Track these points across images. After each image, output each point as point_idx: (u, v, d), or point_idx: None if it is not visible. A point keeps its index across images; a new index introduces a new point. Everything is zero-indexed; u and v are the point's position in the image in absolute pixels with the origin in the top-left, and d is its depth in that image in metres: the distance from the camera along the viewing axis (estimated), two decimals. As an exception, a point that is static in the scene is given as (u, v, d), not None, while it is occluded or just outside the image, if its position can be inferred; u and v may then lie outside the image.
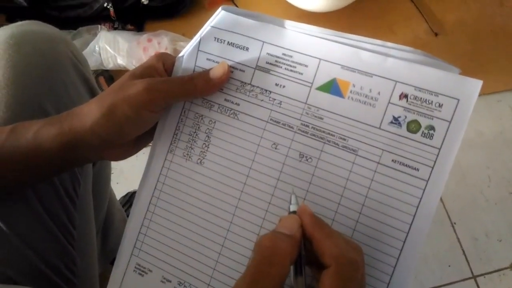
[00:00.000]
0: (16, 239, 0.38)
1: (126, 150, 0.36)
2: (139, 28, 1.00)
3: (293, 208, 0.31)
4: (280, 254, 0.26)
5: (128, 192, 0.85)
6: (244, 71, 0.36)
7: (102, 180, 0.54)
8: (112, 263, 0.47)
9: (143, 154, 0.37)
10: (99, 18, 0.97)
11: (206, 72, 0.35)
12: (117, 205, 0.65)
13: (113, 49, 0.91)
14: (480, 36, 1.00)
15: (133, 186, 0.86)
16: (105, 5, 0.95)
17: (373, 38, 0.33)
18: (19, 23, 0.44)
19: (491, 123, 0.94)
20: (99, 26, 0.95)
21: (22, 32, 0.42)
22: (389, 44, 0.33)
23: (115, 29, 0.97)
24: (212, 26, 0.36)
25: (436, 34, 1.01)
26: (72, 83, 0.44)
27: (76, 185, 0.43)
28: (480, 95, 0.31)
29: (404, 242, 0.32)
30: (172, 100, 0.36)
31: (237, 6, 1.01)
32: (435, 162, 0.32)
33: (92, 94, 0.47)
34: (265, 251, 0.27)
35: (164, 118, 0.37)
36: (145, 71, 0.35)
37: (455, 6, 1.03)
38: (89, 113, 0.33)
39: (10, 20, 0.99)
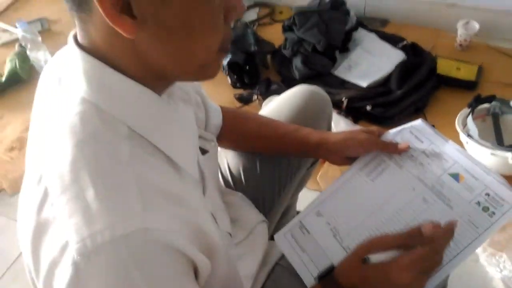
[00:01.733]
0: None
1: (342, 161, 0.78)
2: (355, 121, 1.50)
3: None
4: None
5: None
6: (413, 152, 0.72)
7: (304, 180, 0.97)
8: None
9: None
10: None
11: (396, 144, 0.72)
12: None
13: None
14: None
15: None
16: (343, 99, 1.49)
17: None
18: (309, 86, 0.91)
19: None
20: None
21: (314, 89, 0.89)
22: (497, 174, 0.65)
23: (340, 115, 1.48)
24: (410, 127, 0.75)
25: None
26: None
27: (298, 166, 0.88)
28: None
29: None
30: (376, 148, 0.74)
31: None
32: (489, 228, 0.61)
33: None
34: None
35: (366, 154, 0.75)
36: (366, 131, 0.77)
37: None
38: (336, 135, 0.78)
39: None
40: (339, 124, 1.39)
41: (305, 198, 0.98)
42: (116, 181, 0.42)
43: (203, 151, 0.67)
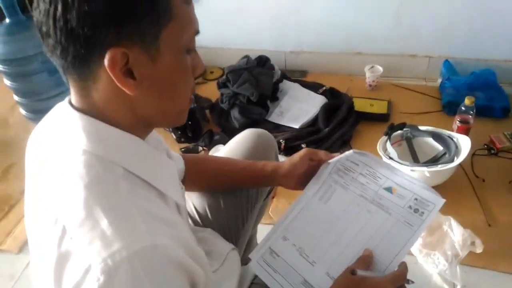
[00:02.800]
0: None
1: (295, 185, 0.90)
2: None
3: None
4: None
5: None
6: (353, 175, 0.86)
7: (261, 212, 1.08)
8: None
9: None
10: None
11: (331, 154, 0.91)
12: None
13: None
14: None
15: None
16: (280, 141, 1.66)
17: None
18: (255, 129, 1.07)
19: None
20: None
21: (261, 131, 1.05)
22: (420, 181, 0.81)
23: (280, 155, 1.58)
24: (346, 155, 0.88)
25: (489, 225, 1.39)
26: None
27: (256, 198, 0.99)
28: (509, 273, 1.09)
29: None
30: (320, 157, 0.90)
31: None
32: (421, 224, 0.75)
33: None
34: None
35: (316, 177, 0.88)
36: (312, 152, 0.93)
37: (508, 209, 1.42)
38: (287, 161, 0.91)
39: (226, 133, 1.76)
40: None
41: (260, 231, 1.10)
42: (122, 211, 0.51)
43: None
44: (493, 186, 1.51)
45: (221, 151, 1.05)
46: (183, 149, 1.74)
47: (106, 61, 0.51)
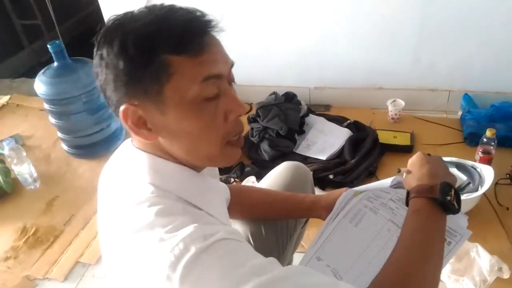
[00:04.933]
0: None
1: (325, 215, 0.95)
2: (322, 189, 1.75)
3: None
4: None
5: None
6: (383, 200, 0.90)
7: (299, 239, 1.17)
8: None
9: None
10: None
11: None
12: None
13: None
14: None
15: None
16: None
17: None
18: (292, 162, 1.16)
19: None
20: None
21: (297, 164, 1.15)
22: None
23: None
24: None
25: None
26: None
27: (295, 227, 1.08)
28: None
29: None
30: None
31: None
32: (447, 254, 0.76)
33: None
34: None
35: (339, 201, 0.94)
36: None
37: None
38: (324, 194, 1.01)
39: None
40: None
41: (295, 261, 1.16)
42: (178, 222, 0.57)
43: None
44: (517, 215, 1.55)
45: (261, 183, 1.14)
46: (216, 181, 1.83)
47: (120, 115, 0.61)
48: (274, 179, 1.11)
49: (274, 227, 1.03)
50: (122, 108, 0.60)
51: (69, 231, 1.73)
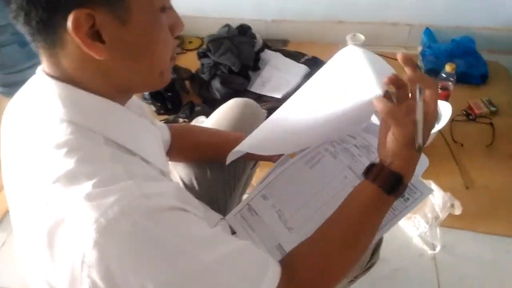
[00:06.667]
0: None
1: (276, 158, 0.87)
2: None
3: None
4: None
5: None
6: (346, 145, 0.84)
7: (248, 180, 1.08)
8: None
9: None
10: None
11: None
12: None
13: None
14: (497, 197, 1.40)
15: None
16: (263, 111, 1.37)
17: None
18: (242, 99, 1.04)
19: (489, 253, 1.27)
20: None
21: (247, 101, 1.04)
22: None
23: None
24: None
25: (467, 188, 1.43)
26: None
27: (243, 168, 0.99)
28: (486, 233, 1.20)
29: None
30: None
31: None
32: (403, 210, 0.71)
33: None
34: None
35: None
36: None
37: (486, 174, 1.47)
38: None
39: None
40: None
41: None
42: (107, 173, 0.48)
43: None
44: (470, 151, 1.55)
45: (206, 122, 1.04)
46: (163, 121, 1.71)
47: (69, 24, 0.47)
48: (221, 117, 1.01)
49: (221, 169, 0.94)
50: (72, 15, 0.47)
51: None
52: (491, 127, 1.62)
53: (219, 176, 0.94)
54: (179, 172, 0.96)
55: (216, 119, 1.01)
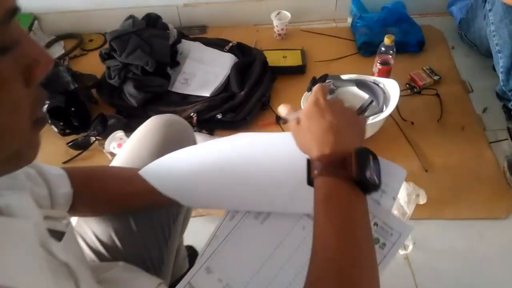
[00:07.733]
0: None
1: None
2: (211, 133, 1.43)
3: None
4: None
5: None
6: None
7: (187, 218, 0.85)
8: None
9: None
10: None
11: None
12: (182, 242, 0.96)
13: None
14: (459, 176, 1.30)
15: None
16: (191, 114, 1.41)
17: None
18: (161, 116, 0.80)
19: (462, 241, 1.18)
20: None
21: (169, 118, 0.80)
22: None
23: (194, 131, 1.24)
24: None
25: (426, 170, 1.32)
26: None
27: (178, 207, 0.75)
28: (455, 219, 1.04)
29: None
30: None
31: (283, 130, 1.43)
32: (381, 261, 0.56)
33: None
34: None
35: None
36: None
37: (442, 152, 1.36)
38: None
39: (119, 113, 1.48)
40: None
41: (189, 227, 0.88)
42: None
43: (59, 235, 0.51)
44: (422, 128, 1.44)
45: (124, 149, 0.79)
46: (70, 144, 1.40)
47: None
48: (139, 145, 0.78)
49: (148, 216, 0.72)
50: None
51: None
52: (438, 98, 1.52)
53: (146, 224, 0.72)
54: (92, 228, 0.71)
55: (133, 148, 0.78)
